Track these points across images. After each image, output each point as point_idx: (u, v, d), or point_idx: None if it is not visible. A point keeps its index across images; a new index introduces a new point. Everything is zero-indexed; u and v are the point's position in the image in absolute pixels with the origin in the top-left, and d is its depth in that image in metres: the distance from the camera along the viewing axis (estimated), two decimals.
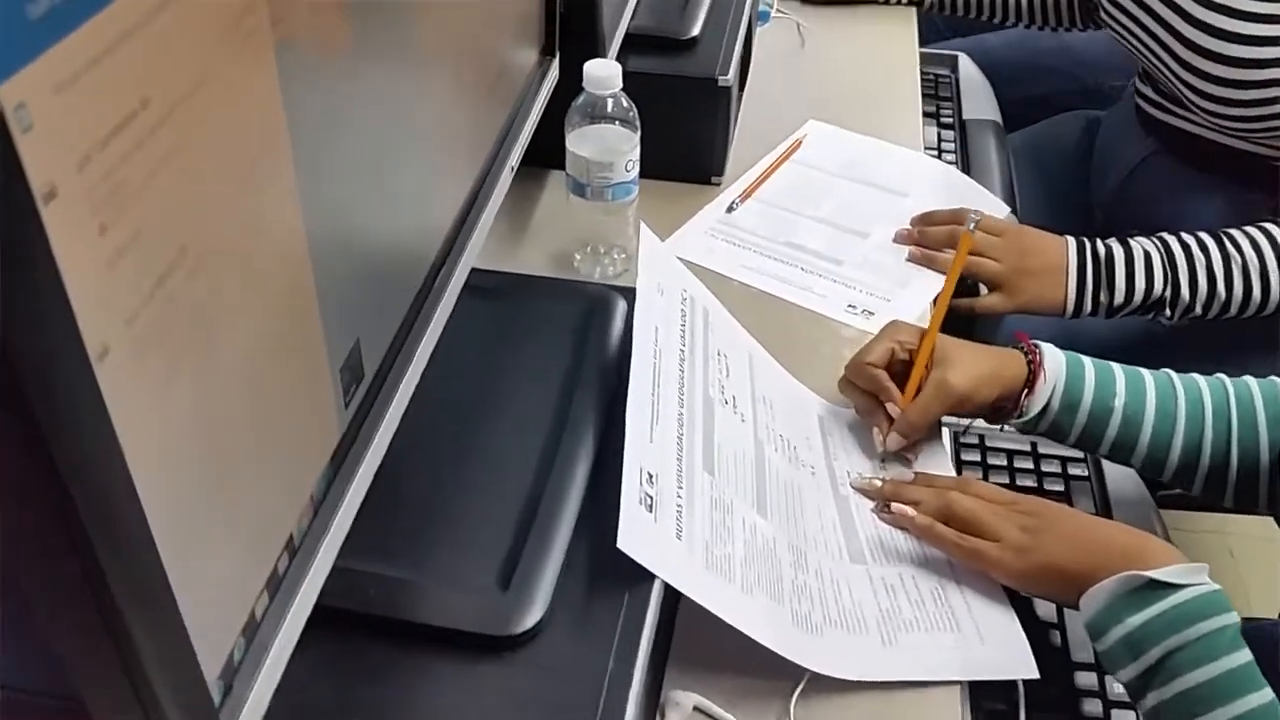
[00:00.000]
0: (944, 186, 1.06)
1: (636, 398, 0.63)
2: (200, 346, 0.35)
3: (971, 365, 0.76)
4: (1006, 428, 0.80)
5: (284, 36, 0.38)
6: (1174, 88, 1.07)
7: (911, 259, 0.97)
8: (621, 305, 0.76)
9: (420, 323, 0.57)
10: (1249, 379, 0.76)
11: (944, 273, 0.92)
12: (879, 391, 0.78)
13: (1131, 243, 0.95)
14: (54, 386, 0.27)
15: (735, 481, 0.69)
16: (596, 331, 0.72)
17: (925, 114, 1.21)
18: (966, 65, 1.38)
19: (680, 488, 0.64)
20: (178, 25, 0.31)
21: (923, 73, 1.26)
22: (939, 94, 1.32)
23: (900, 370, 0.78)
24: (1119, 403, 0.75)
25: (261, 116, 0.37)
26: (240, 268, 0.37)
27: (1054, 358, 0.76)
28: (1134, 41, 1.11)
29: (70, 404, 0.28)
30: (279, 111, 0.38)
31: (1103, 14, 1.15)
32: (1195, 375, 0.77)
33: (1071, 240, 0.95)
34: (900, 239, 0.99)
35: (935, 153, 1.22)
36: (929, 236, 0.97)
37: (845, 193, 1.05)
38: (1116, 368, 0.77)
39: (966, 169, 1.19)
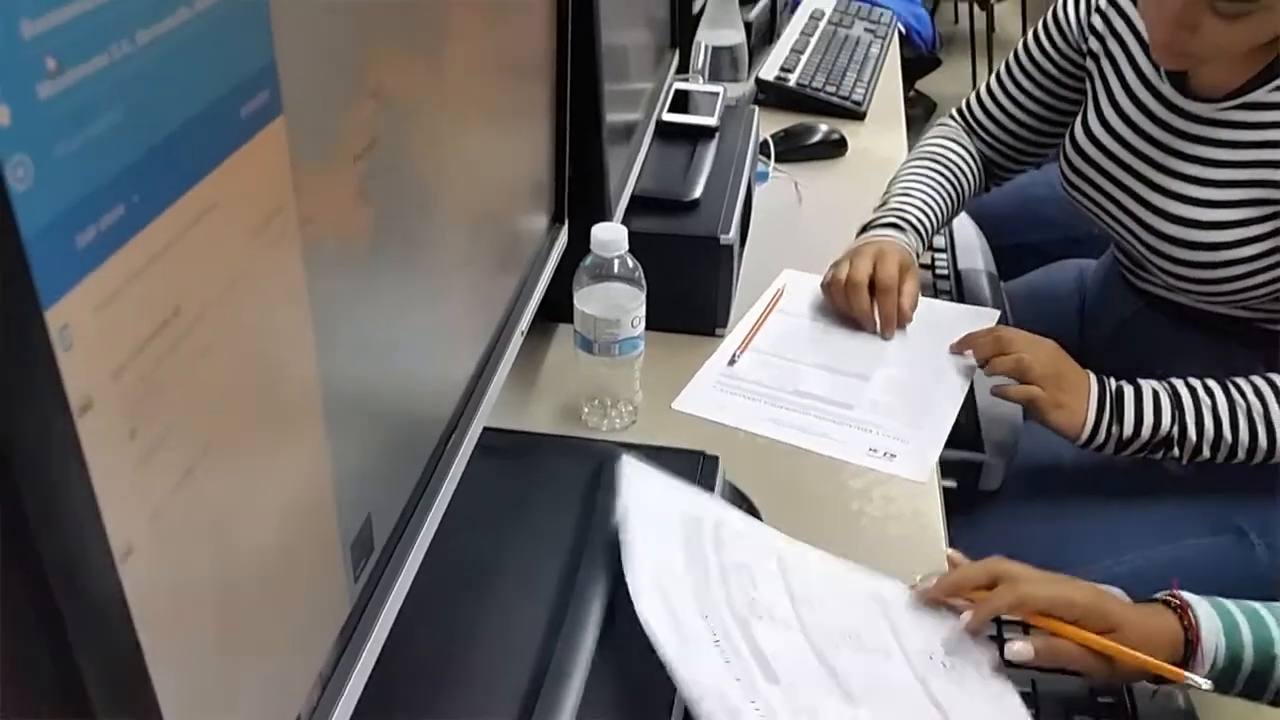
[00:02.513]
0: (926, 320, 1.08)
1: (671, 651, 0.60)
2: (218, 535, 0.35)
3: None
4: None
5: (311, 232, 0.40)
6: (1145, 263, 1.11)
7: (976, 354, 1.01)
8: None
9: (431, 490, 0.57)
10: None
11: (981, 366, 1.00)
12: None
13: (1140, 382, 0.98)
14: (79, 589, 0.28)
15: (810, 681, 0.64)
16: (605, 492, 0.73)
17: (921, 265, 1.24)
18: (960, 216, 1.42)
19: (755, 704, 0.59)
20: (211, 234, 0.33)
21: None
22: (933, 245, 1.36)
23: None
24: None
25: (287, 307, 0.39)
26: (260, 457, 0.38)
27: (1209, 623, 0.72)
28: (1101, 220, 1.14)
29: (94, 606, 0.29)
30: (304, 300, 0.40)
31: (1070, 191, 1.18)
32: None
33: (1091, 374, 0.98)
34: (955, 348, 1.04)
35: None
36: (977, 345, 1.02)
37: (835, 338, 1.07)
38: (1262, 609, 0.73)
39: None
